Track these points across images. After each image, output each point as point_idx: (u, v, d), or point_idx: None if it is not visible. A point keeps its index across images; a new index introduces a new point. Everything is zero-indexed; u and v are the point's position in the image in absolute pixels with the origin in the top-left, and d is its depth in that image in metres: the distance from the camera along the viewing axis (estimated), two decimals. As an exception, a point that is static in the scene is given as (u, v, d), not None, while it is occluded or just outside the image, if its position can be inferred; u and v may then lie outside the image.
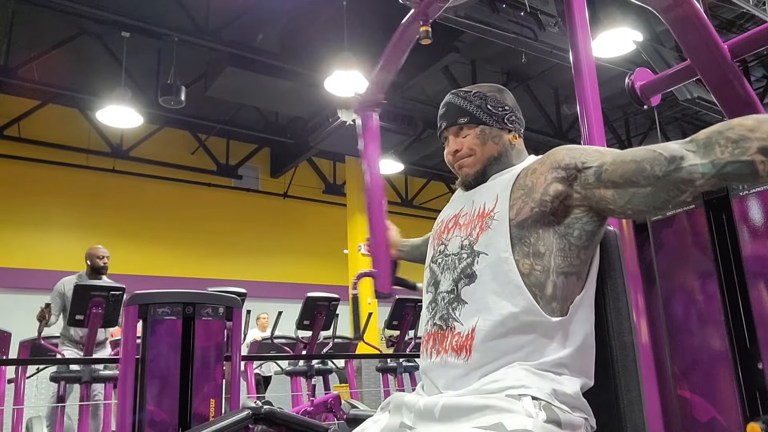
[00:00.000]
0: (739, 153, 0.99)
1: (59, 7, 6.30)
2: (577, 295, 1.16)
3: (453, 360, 1.15)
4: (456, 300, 1.18)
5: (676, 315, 1.11)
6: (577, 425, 1.08)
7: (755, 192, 1.03)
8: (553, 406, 1.06)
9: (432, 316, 1.23)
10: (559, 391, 1.08)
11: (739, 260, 1.03)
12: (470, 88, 1.35)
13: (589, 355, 1.17)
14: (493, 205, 1.21)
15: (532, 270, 1.13)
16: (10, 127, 8.81)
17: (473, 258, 1.19)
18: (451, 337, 1.17)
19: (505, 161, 1.30)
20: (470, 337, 1.13)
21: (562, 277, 1.14)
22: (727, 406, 1.01)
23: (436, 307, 1.22)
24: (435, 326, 1.21)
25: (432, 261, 1.30)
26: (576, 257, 1.16)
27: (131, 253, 9.25)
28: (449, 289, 1.20)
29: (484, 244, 1.18)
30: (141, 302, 2.60)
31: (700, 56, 1.91)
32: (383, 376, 5.43)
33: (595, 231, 1.17)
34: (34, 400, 5.64)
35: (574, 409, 1.09)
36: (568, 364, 1.13)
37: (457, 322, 1.17)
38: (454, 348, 1.15)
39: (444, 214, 1.38)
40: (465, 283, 1.18)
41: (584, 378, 1.15)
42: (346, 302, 7.35)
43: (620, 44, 6.39)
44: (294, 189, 11.22)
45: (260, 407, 2.23)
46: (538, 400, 1.05)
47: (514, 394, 1.06)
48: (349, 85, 6.57)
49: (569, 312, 1.15)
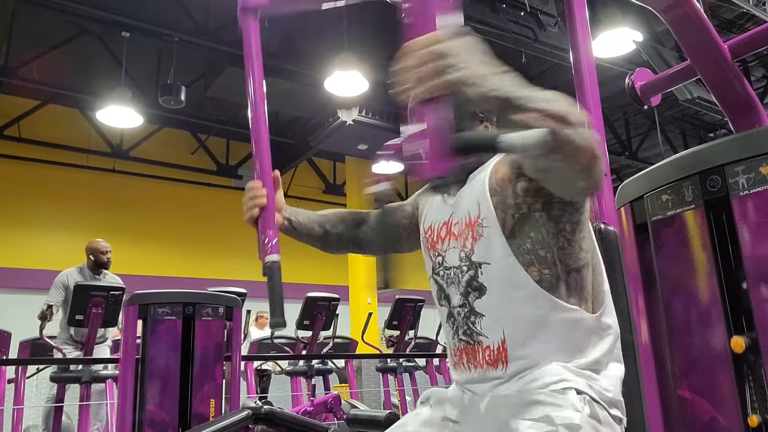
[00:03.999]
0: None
1: (59, 7, 6.30)
2: (601, 284, 1.16)
3: (492, 373, 1.14)
4: (472, 314, 1.17)
5: (676, 315, 1.11)
6: (614, 425, 1.08)
7: (755, 192, 1.03)
8: (595, 403, 1.06)
9: (455, 332, 1.21)
10: (598, 388, 1.08)
11: (739, 260, 1.02)
12: None
13: (618, 342, 1.17)
14: (477, 213, 1.18)
15: (542, 276, 1.12)
16: (10, 127, 8.81)
17: (475, 270, 1.17)
18: (481, 352, 1.15)
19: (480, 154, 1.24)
20: (502, 350, 1.12)
21: (574, 273, 1.13)
22: (727, 406, 1.01)
23: (456, 323, 1.21)
24: (462, 342, 1.19)
25: (434, 273, 1.27)
26: (580, 250, 1.14)
27: (131, 253, 9.25)
28: (461, 303, 1.19)
29: (482, 254, 1.16)
30: (141, 302, 2.60)
31: (700, 56, 1.91)
32: (383, 376, 5.43)
33: (581, 218, 1.15)
34: (34, 400, 5.63)
35: (611, 407, 1.09)
36: (602, 360, 1.12)
37: (482, 336, 1.15)
38: (488, 362, 1.14)
39: (431, 219, 1.31)
40: (476, 296, 1.16)
41: (618, 365, 1.15)
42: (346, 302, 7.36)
43: (620, 44, 6.39)
44: (294, 189, 11.22)
45: (260, 407, 2.23)
46: (583, 393, 1.05)
47: (558, 388, 1.05)
48: (349, 85, 6.58)
49: (594, 301, 1.14)
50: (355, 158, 9.73)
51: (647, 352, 1.18)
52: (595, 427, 1.03)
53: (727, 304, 1.03)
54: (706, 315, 1.06)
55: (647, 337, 1.18)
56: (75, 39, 7.26)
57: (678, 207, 1.11)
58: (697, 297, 1.07)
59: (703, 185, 1.08)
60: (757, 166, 1.03)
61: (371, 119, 8.01)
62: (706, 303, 1.06)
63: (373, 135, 8.45)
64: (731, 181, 1.05)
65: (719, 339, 1.03)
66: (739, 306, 1.02)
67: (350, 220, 1.52)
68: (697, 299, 1.07)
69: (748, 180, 1.03)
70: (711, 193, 1.07)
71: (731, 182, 1.04)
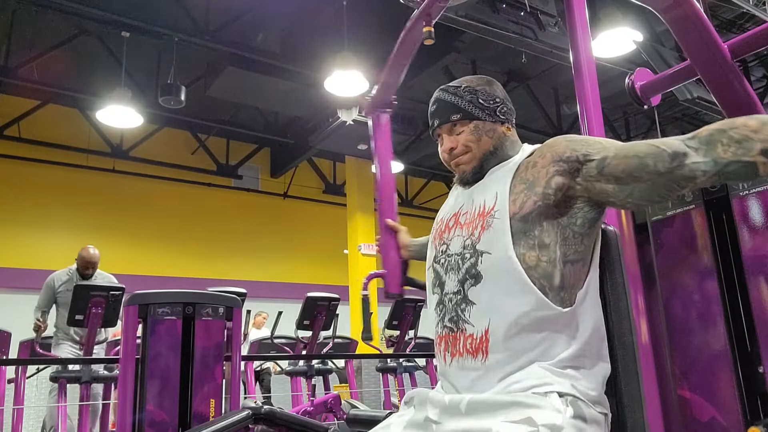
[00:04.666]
0: (742, 153, 0.99)
1: (59, 7, 6.30)
2: (583, 281, 1.17)
3: (470, 363, 1.15)
4: (464, 301, 1.18)
5: (676, 315, 1.11)
6: (600, 420, 1.09)
7: (755, 192, 1.03)
8: (579, 401, 1.07)
9: (441, 318, 1.22)
10: (581, 387, 1.09)
11: (739, 260, 1.03)
12: (459, 83, 1.33)
13: (602, 341, 1.18)
14: (493, 203, 1.20)
15: (539, 262, 1.13)
16: (10, 127, 8.81)
17: (477, 258, 1.18)
18: (463, 339, 1.16)
19: (501, 154, 1.29)
20: (484, 339, 1.13)
21: (569, 265, 1.14)
22: (727, 406, 1.01)
23: (444, 309, 1.22)
24: (445, 328, 1.20)
25: (435, 261, 1.29)
26: (580, 243, 1.16)
27: (131, 253, 9.26)
28: (455, 290, 1.20)
29: (487, 243, 1.18)
30: (141, 302, 2.60)
31: (700, 56, 1.90)
32: (383, 376, 5.42)
33: (597, 218, 1.18)
34: (34, 400, 5.63)
35: (595, 404, 1.10)
36: (585, 356, 1.13)
37: (468, 323, 1.16)
38: (468, 350, 1.15)
39: (443, 212, 1.36)
40: (471, 284, 1.17)
41: (602, 364, 1.16)
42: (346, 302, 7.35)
43: (620, 44, 6.38)
44: (294, 189, 11.22)
45: (260, 407, 2.24)
46: (565, 396, 1.06)
47: (540, 392, 1.06)
48: (349, 85, 6.57)
49: (577, 300, 1.15)
50: (355, 158, 9.73)
51: (647, 352, 1.18)
52: (579, 426, 1.04)
53: (727, 304, 1.03)
54: (705, 315, 1.06)
55: (647, 337, 1.18)
56: (75, 39, 7.25)
57: (678, 207, 1.11)
58: (697, 297, 1.07)
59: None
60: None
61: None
62: (705, 303, 1.06)
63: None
64: (731, 181, 1.05)
65: (719, 339, 1.03)
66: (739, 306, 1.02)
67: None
68: (696, 299, 1.07)
69: (748, 180, 1.03)
70: (711, 193, 1.07)
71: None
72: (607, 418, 1.13)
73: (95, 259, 4.44)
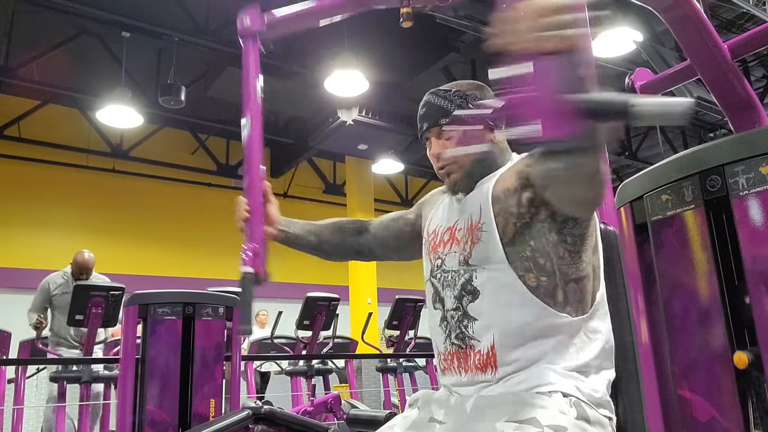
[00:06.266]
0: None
1: (59, 7, 6.30)
2: (591, 293, 1.17)
3: (481, 377, 1.15)
4: (465, 317, 1.18)
5: (676, 315, 1.11)
6: (604, 423, 1.09)
7: (755, 192, 1.02)
8: (583, 403, 1.07)
9: (447, 335, 1.22)
10: (585, 389, 1.09)
11: (739, 260, 1.02)
12: (449, 87, 1.30)
13: (611, 350, 1.18)
14: (479, 217, 1.20)
15: (539, 283, 1.13)
16: (10, 127, 8.80)
17: (471, 273, 1.18)
18: (473, 356, 1.16)
19: (490, 161, 1.27)
20: (491, 355, 1.13)
21: (572, 283, 1.15)
22: (727, 406, 1.01)
23: (449, 326, 1.21)
24: (454, 345, 1.20)
25: (431, 276, 1.28)
26: (580, 261, 1.16)
27: (131, 253, 9.25)
28: (454, 306, 1.20)
29: (478, 257, 1.18)
30: (141, 302, 2.60)
31: (700, 56, 1.91)
32: (383, 376, 5.42)
33: (584, 233, 1.17)
34: (34, 400, 5.63)
35: (599, 407, 1.10)
36: (594, 364, 1.13)
37: (474, 339, 1.16)
38: (478, 366, 1.15)
39: (435, 224, 1.33)
40: (469, 300, 1.18)
41: (609, 370, 1.16)
42: (346, 302, 7.35)
43: (620, 44, 6.39)
44: (294, 189, 11.22)
45: (260, 407, 2.23)
46: (569, 396, 1.06)
47: (544, 391, 1.07)
48: (349, 85, 6.57)
49: (586, 309, 1.15)
50: (355, 158, 9.73)
51: (647, 352, 1.18)
52: (583, 427, 1.04)
53: (727, 304, 1.03)
54: (706, 315, 1.06)
55: (647, 337, 1.18)
56: (75, 39, 7.25)
57: (678, 207, 1.11)
58: (697, 297, 1.07)
59: (703, 185, 1.08)
60: (757, 166, 1.02)
61: (371, 119, 8.00)
62: (705, 303, 1.06)
63: (373, 135, 8.45)
64: (731, 181, 1.05)
65: (719, 339, 1.03)
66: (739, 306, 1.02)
67: (350, 228, 1.58)
68: (696, 299, 1.07)
69: (747, 180, 1.03)
70: (711, 193, 1.07)
71: (731, 182, 1.04)
72: (612, 422, 1.12)
73: (90, 264, 4.44)
